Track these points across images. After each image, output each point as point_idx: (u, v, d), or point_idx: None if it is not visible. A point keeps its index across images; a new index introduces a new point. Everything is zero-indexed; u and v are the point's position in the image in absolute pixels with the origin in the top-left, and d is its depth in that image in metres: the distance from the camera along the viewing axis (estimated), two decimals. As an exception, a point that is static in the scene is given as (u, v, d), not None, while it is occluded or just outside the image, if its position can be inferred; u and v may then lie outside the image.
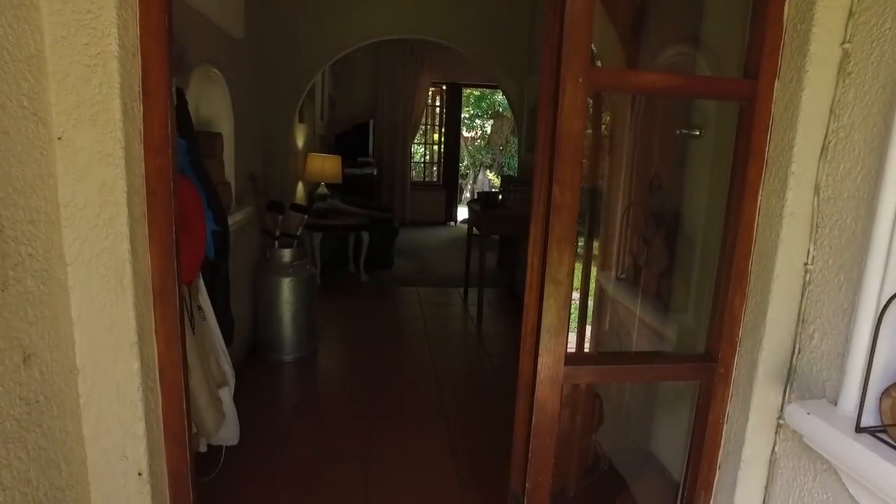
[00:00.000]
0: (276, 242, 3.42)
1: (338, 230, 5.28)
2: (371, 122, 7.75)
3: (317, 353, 3.65)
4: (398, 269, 6.14)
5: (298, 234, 3.57)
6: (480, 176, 16.97)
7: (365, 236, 5.45)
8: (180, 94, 2.01)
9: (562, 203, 1.37)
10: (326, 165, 5.30)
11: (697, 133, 1.98)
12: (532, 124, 4.84)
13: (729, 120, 1.82)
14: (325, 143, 7.41)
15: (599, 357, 1.58)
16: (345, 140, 7.85)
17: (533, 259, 1.54)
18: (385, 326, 4.28)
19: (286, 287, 3.38)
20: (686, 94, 1.39)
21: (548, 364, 1.45)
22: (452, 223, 9.53)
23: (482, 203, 4.49)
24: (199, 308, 2.07)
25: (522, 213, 4.29)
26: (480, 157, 16.88)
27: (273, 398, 3.11)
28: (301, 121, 5.31)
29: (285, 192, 4.91)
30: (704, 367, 1.52)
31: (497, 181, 16.70)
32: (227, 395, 2.15)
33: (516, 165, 16.12)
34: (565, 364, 1.45)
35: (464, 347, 4.01)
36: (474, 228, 4.92)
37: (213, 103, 2.73)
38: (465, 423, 2.92)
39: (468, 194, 16.33)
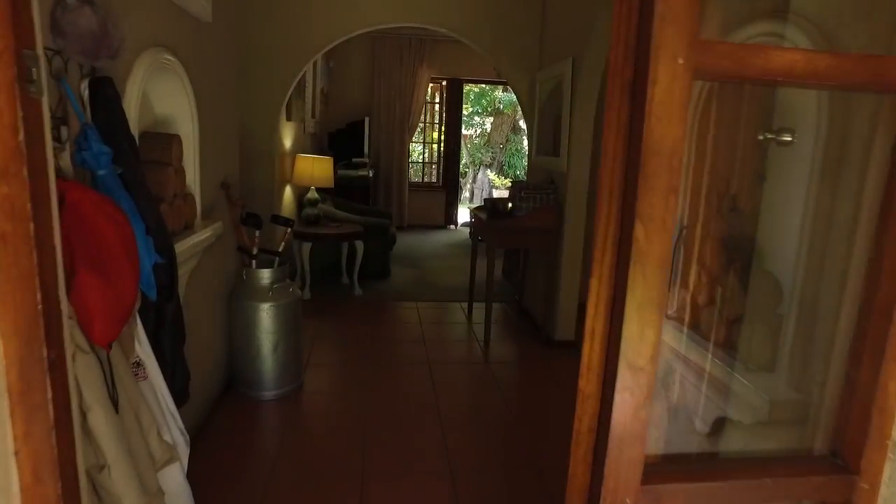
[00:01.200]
0: (254, 262, 2.94)
1: (329, 240, 4.79)
2: (367, 119, 7.27)
3: (302, 388, 3.17)
4: (395, 279, 5.66)
5: (281, 250, 3.09)
6: (480, 175, 16.53)
7: (359, 246, 4.97)
8: (109, 85, 1.53)
9: (647, 251, 0.89)
10: (317, 168, 4.82)
11: (788, 138, 1.51)
12: (545, 124, 4.36)
13: (843, 119, 1.36)
14: (316, 142, 6.93)
15: (692, 470, 1.12)
16: (338, 139, 7.37)
17: (594, 327, 1.05)
18: (381, 351, 3.80)
19: (265, 314, 2.90)
20: (836, 83, 0.92)
21: (617, 483, 0.97)
22: (452, 227, 9.05)
23: (489, 212, 4.01)
24: (138, 364, 1.59)
25: (536, 224, 3.82)
26: (480, 155, 16.43)
27: (247, 447, 2.63)
28: (289, 119, 4.83)
29: (271, 198, 4.44)
30: (838, 481, 1.06)
31: (497, 180, 16.27)
32: (176, 472, 1.67)
33: (524, 165, 15.69)
34: (643, 482, 0.98)
35: (470, 377, 3.54)
36: (479, 237, 4.46)
37: (169, 98, 2.24)
38: (476, 477, 2.45)
39: (467, 193, 15.89)
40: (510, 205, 3.93)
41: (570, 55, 3.66)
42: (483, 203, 4.13)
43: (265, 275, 2.93)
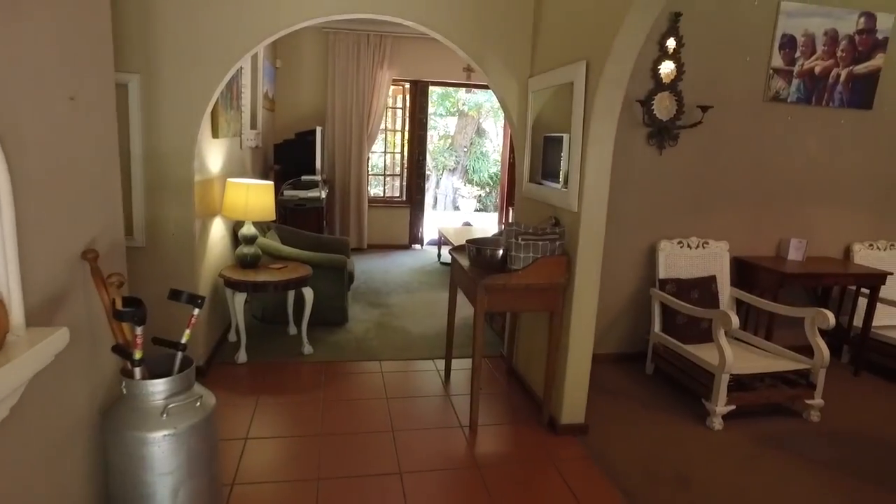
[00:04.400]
0: (137, 370, 1.95)
1: (269, 289, 3.79)
2: (318, 129, 6.27)
3: (220, 538, 2.20)
4: (354, 325, 4.70)
5: (185, 342, 2.10)
6: (444, 180, 15.63)
7: (308, 294, 3.99)
8: None
9: None
10: (252, 197, 3.81)
11: None
12: (540, 144, 3.49)
13: None
14: (259, 157, 5.89)
15: None
16: (286, 152, 6.35)
17: None
18: (335, 453, 2.84)
19: (157, 448, 1.91)
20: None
21: None
22: (418, 246, 8.12)
23: (474, 261, 3.11)
24: None
25: (538, 280, 2.93)
26: (443, 159, 15.55)
27: None
28: (216, 135, 3.81)
29: (190, 241, 3.43)
30: None
31: (463, 187, 15.40)
32: None
33: (489, 169, 14.85)
34: None
35: (458, 497, 2.61)
36: (459, 289, 3.55)
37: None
38: None
39: (430, 199, 14.95)
40: (501, 252, 3.04)
41: (583, 58, 2.79)
42: (466, 246, 3.22)
43: (157, 388, 1.94)
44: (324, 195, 5.91)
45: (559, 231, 2.97)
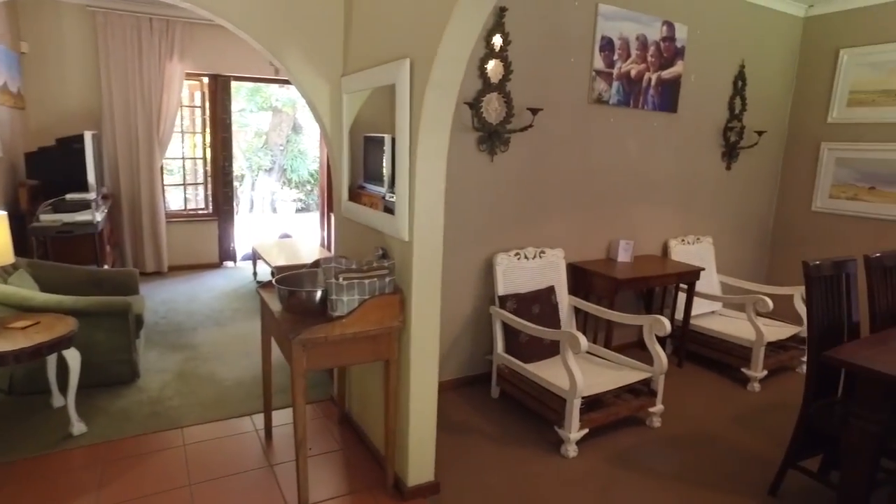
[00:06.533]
0: None
1: (8, 361, 2.79)
2: (90, 133, 5.06)
3: None
4: (148, 380, 3.79)
5: None
6: (260, 181, 14.41)
7: (73, 356, 3.05)
8: None
9: None
10: (-27, 237, 2.77)
11: None
12: (360, 157, 2.98)
13: None
14: (0, 171, 4.58)
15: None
16: (44, 162, 5.06)
17: None
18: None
19: None
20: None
21: None
22: (231, 263, 7.15)
23: (290, 306, 2.50)
24: None
25: (367, 327, 2.41)
26: (258, 159, 14.35)
27: None
28: None
29: None
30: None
31: (280, 189, 14.29)
32: None
33: (308, 167, 13.94)
34: None
35: None
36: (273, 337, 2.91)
37: None
38: None
39: (245, 204, 13.70)
40: (319, 293, 2.47)
41: (405, 55, 2.32)
42: (274, 283, 2.60)
43: None
44: (100, 217, 4.77)
45: (388, 265, 2.48)
